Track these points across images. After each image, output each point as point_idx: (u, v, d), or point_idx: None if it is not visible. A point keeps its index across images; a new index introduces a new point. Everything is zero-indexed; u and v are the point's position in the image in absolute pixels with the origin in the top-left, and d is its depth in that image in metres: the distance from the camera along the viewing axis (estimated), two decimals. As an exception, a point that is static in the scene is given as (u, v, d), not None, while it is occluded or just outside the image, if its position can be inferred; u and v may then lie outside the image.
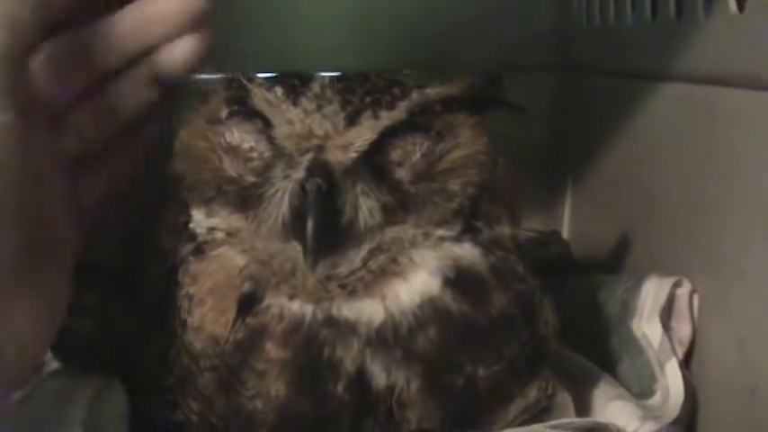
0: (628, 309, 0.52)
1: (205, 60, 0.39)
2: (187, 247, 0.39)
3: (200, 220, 0.40)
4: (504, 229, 0.41)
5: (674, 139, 0.56)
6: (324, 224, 0.35)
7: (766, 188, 0.44)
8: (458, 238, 0.39)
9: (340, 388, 0.37)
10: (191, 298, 0.38)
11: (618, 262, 0.64)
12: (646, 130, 0.61)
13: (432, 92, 0.39)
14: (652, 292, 0.51)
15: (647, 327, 0.50)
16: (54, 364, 0.43)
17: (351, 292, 0.37)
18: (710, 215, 0.50)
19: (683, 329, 0.51)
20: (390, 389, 0.37)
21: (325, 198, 0.36)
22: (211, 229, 0.39)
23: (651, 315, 0.50)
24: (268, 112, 0.38)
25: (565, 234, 0.81)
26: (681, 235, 0.55)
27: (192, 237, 0.40)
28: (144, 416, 0.40)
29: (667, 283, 0.51)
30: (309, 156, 0.36)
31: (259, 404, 0.37)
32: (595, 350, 0.53)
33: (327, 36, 0.83)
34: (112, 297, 0.44)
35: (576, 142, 0.78)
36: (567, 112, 0.82)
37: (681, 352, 0.51)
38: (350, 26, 0.83)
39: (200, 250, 0.39)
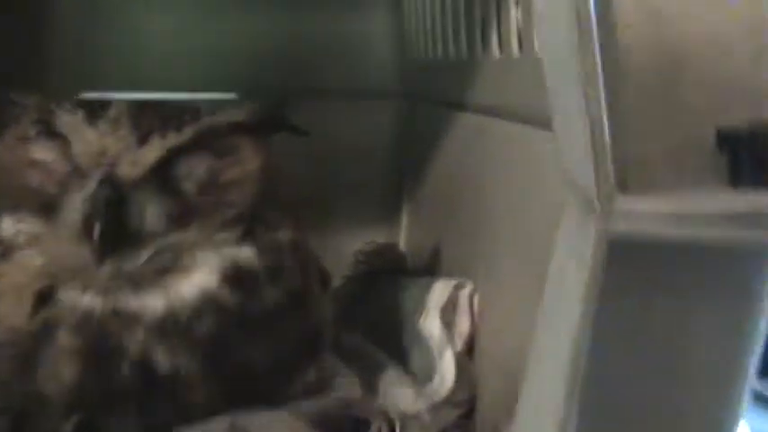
0: (418, 307, 0.60)
1: None
2: (-5, 250, 0.45)
3: (8, 225, 0.45)
4: (284, 234, 0.48)
5: (467, 163, 0.65)
6: (110, 229, 0.41)
7: (513, 207, 0.53)
8: (237, 241, 0.46)
9: (126, 372, 0.43)
10: None
11: (435, 269, 0.73)
12: (450, 154, 0.70)
13: (219, 117, 0.46)
14: (437, 293, 0.60)
15: (429, 322, 0.58)
16: None
17: (136, 287, 0.43)
18: (487, 229, 0.59)
19: (463, 324, 0.59)
20: (174, 373, 0.43)
21: (114, 206, 0.42)
22: (17, 233, 0.45)
23: (434, 312, 0.58)
24: (69, 132, 0.43)
25: (402, 246, 0.89)
26: (473, 246, 0.63)
27: (1, 241, 0.45)
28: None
29: (449, 285, 0.59)
30: (102, 170, 0.42)
31: (53, 387, 0.42)
32: (394, 343, 0.61)
33: (180, 58, 0.89)
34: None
35: (411, 166, 0.87)
36: (406, 138, 0.91)
37: (460, 344, 0.59)
38: (203, 50, 0.89)
39: (5, 253, 0.44)
